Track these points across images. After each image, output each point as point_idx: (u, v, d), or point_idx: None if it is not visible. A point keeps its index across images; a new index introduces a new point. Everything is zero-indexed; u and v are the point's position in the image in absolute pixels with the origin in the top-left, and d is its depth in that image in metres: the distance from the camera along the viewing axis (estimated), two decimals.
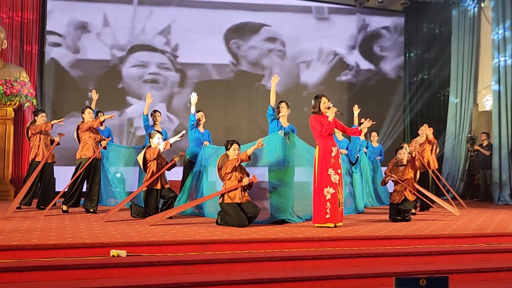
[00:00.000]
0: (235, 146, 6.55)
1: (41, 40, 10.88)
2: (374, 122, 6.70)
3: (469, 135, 12.06)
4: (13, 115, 9.71)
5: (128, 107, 11.54)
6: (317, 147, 6.37)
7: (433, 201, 8.05)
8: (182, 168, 8.03)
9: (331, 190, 6.23)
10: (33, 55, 10.55)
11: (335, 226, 6.20)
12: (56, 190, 8.23)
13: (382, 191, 10.07)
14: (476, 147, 11.65)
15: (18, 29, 10.43)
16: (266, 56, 12.67)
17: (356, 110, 9.07)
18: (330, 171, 6.26)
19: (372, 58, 13.63)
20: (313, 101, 6.53)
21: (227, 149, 6.62)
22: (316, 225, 6.25)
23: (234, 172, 6.41)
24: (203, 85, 12.03)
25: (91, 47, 11.42)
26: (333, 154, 6.31)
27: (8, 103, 9.45)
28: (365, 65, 13.54)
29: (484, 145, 11.50)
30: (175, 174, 7.92)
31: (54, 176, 8.24)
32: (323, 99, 6.44)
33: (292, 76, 12.86)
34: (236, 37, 12.46)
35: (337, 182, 6.28)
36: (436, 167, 9.22)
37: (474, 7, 12.40)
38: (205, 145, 7.75)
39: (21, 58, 10.39)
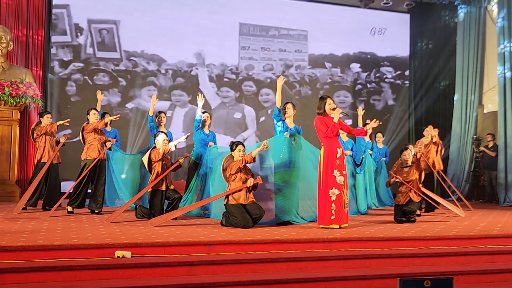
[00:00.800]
0: (240, 147, 6.55)
1: (47, 39, 10.89)
2: (381, 123, 6.65)
3: (475, 136, 12.02)
4: (18, 117, 9.75)
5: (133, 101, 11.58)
6: (322, 148, 6.37)
7: (438, 203, 8.02)
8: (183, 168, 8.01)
9: (336, 192, 6.22)
10: (38, 48, 10.53)
11: (340, 228, 6.20)
12: (61, 191, 8.26)
13: (383, 192, 10.05)
14: (482, 148, 11.62)
15: (24, 24, 10.45)
16: (273, 58, 12.69)
17: (360, 112, 9.07)
18: (335, 172, 6.25)
19: (376, 58, 13.60)
20: (318, 102, 6.54)
21: (232, 150, 6.63)
22: (321, 226, 6.24)
23: (239, 173, 6.41)
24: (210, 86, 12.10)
25: (98, 47, 11.45)
26: (338, 156, 6.30)
27: (14, 105, 9.48)
28: (369, 65, 13.52)
29: (489, 146, 11.46)
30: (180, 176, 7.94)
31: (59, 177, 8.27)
32: (328, 100, 6.44)
33: (297, 76, 12.87)
34: (245, 39, 12.47)
35: (342, 183, 6.28)
36: (442, 168, 9.20)
37: (480, 7, 12.37)
38: (210, 145, 7.76)
39: (27, 54, 10.39)
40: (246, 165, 6.52)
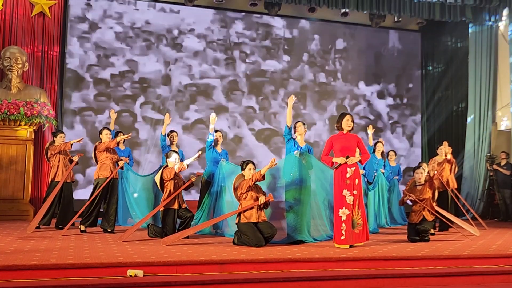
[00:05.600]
0: (250, 166, 6.56)
1: (62, 55, 11.04)
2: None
3: (488, 154, 11.91)
4: (33, 136, 9.85)
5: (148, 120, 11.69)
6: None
7: (452, 222, 7.93)
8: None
9: (346, 211, 6.19)
10: (54, 64, 10.65)
11: (352, 247, 6.15)
12: (74, 210, 8.29)
13: (396, 210, 9.96)
14: (496, 166, 11.49)
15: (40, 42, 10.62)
16: (283, 75, 12.77)
17: (370, 130, 9.06)
18: (345, 192, 6.23)
19: (388, 77, 13.62)
20: (338, 116, 6.59)
21: (242, 169, 6.64)
22: (335, 245, 6.23)
23: (250, 192, 6.41)
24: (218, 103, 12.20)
25: (113, 63, 11.63)
26: (348, 175, 6.27)
27: (28, 124, 9.59)
28: (380, 83, 13.53)
29: (502, 164, 11.34)
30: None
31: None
32: (347, 117, 6.47)
33: (304, 94, 12.92)
34: (253, 53, 12.60)
35: (352, 203, 6.24)
36: (456, 186, 9.11)
37: (491, 25, 12.36)
38: (222, 161, 7.77)
39: (42, 71, 10.50)
40: (257, 183, 6.53)
